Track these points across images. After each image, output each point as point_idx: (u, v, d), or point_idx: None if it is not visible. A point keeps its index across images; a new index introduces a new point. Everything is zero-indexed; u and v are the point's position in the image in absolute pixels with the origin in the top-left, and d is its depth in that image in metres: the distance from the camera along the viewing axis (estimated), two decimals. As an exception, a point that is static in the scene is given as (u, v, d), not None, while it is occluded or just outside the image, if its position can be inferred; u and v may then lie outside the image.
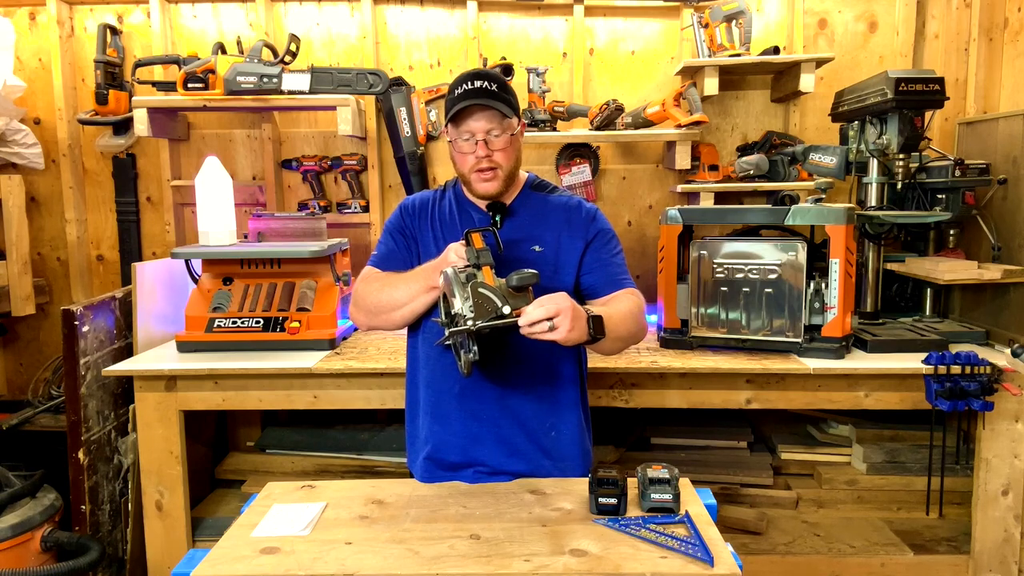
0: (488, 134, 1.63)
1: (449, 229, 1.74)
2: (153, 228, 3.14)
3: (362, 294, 1.74)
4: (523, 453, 1.69)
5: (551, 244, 1.71)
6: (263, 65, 2.71)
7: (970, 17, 2.92)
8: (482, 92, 1.61)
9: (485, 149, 1.63)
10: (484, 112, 1.62)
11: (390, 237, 1.80)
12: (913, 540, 2.51)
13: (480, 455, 1.68)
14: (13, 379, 3.20)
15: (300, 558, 1.32)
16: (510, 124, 1.65)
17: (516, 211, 1.74)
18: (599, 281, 1.72)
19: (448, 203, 1.78)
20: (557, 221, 1.73)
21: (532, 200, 1.77)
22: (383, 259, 1.78)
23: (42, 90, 3.05)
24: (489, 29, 3.05)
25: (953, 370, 2.16)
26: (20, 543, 2.28)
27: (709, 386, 2.31)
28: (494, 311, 1.41)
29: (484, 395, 1.68)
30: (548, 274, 1.68)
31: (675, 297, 2.42)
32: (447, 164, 3.08)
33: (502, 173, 1.66)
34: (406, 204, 1.82)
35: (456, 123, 1.65)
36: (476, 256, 1.50)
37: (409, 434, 1.83)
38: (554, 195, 1.79)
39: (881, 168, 2.52)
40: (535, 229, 1.72)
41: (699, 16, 2.83)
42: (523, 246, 1.70)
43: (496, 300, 1.42)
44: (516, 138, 1.69)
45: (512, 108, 1.65)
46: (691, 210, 2.47)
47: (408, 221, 1.78)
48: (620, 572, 1.26)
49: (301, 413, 2.65)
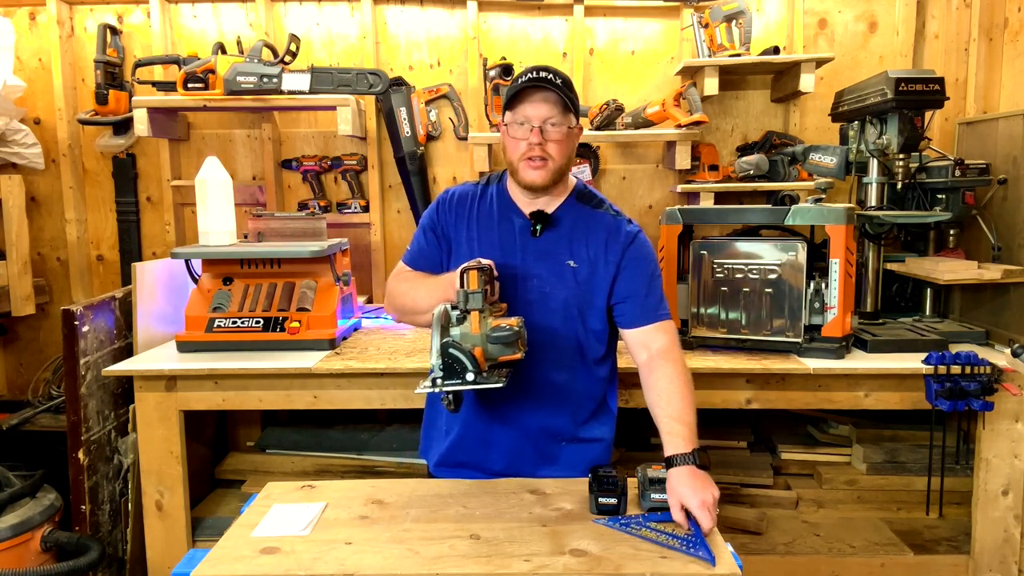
0: (545, 122, 1.59)
1: (486, 230, 1.70)
2: (153, 228, 3.14)
3: (391, 292, 1.75)
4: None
5: (586, 262, 1.68)
6: (263, 65, 2.71)
7: (970, 17, 2.92)
8: (545, 81, 1.58)
9: (539, 136, 1.59)
10: (545, 99, 1.59)
11: (422, 234, 1.77)
12: (913, 540, 2.50)
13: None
14: (13, 379, 3.20)
15: (300, 558, 1.32)
16: (569, 119, 1.61)
17: (558, 221, 1.70)
18: (634, 313, 1.68)
19: (490, 200, 1.73)
20: (596, 240, 1.69)
21: (576, 212, 1.71)
22: (414, 257, 1.77)
23: (42, 90, 3.05)
24: (489, 29, 3.05)
25: (953, 370, 2.16)
26: (20, 543, 2.28)
27: (709, 386, 2.30)
28: (461, 376, 1.41)
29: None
30: (581, 291, 1.67)
31: (675, 297, 2.42)
32: (447, 164, 3.08)
33: (552, 166, 1.61)
34: (443, 198, 1.76)
35: (513, 107, 1.61)
36: (465, 300, 1.46)
37: (427, 423, 1.85)
38: (599, 210, 1.73)
39: (881, 168, 2.52)
40: (574, 244, 1.69)
41: (699, 16, 2.83)
42: (559, 259, 1.68)
43: (466, 363, 1.40)
44: (572, 136, 1.65)
45: (573, 105, 1.62)
46: (691, 210, 2.47)
47: (442, 218, 1.74)
48: (620, 572, 1.26)
49: (301, 413, 2.65)
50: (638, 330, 1.67)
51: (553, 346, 1.65)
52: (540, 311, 1.64)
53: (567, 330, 1.67)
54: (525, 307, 1.62)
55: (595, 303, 1.68)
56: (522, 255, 1.68)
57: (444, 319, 1.46)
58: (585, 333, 1.69)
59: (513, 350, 1.45)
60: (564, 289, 1.66)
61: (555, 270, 1.67)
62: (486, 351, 1.44)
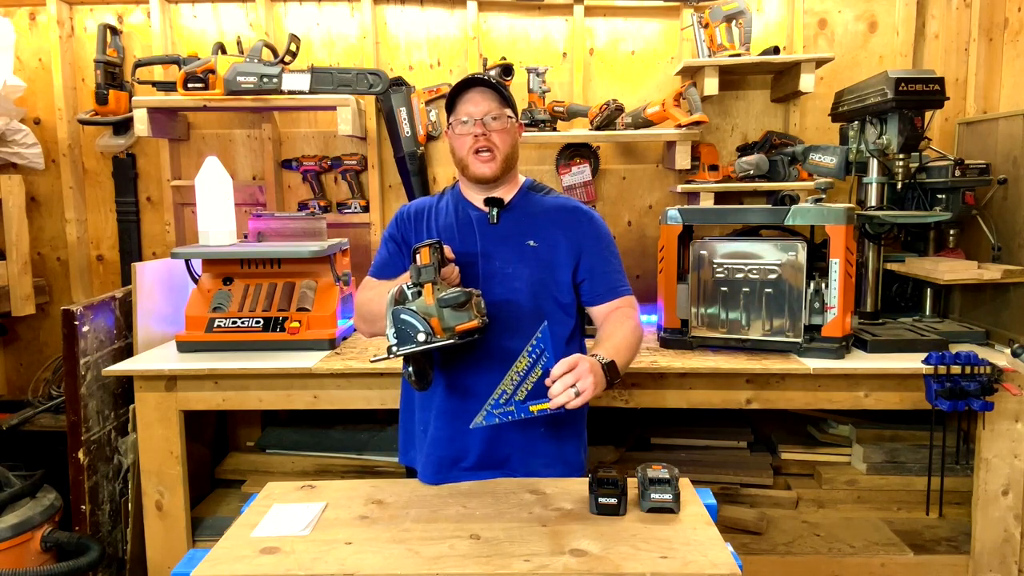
0: (485, 116, 1.68)
1: (445, 229, 1.76)
2: (153, 228, 3.14)
3: (358, 303, 1.80)
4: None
5: (546, 240, 1.74)
6: (263, 65, 2.71)
7: (970, 17, 2.92)
8: (479, 80, 1.70)
9: (482, 128, 1.68)
10: (482, 95, 1.69)
11: (384, 246, 1.83)
12: (913, 540, 2.51)
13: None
14: (13, 379, 3.20)
15: (300, 558, 1.32)
16: (507, 114, 1.71)
17: (514, 207, 1.77)
18: (598, 289, 1.77)
19: (446, 205, 1.81)
20: (553, 220, 1.76)
21: (530, 199, 1.80)
22: (379, 268, 1.82)
23: (42, 90, 3.05)
24: (489, 29, 3.05)
25: (953, 370, 2.16)
26: (20, 543, 2.28)
27: (709, 386, 2.30)
28: (413, 338, 1.44)
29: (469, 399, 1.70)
30: (543, 268, 1.73)
31: (675, 297, 2.42)
32: (447, 164, 3.08)
33: (499, 156, 1.70)
34: (402, 212, 1.85)
35: (455, 110, 1.71)
36: (418, 274, 1.49)
37: (404, 429, 1.85)
38: (551, 196, 1.82)
39: (881, 168, 2.52)
40: (531, 226, 1.75)
41: (699, 16, 2.83)
42: (519, 240, 1.73)
43: (417, 324, 1.43)
44: (514, 130, 1.74)
45: (508, 100, 1.72)
46: (691, 210, 2.47)
47: (402, 228, 1.81)
48: (620, 572, 1.26)
49: (301, 413, 2.65)
50: (601, 306, 1.76)
51: (519, 316, 1.68)
52: (502, 286, 1.69)
53: (532, 303, 1.71)
54: (487, 283, 1.68)
55: (559, 279, 1.74)
56: (482, 241, 1.73)
57: (398, 295, 1.49)
58: (552, 306, 1.73)
59: (469, 316, 1.47)
60: (526, 268, 1.72)
61: (516, 250, 1.72)
62: (442, 319, 1.45)
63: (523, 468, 1.71)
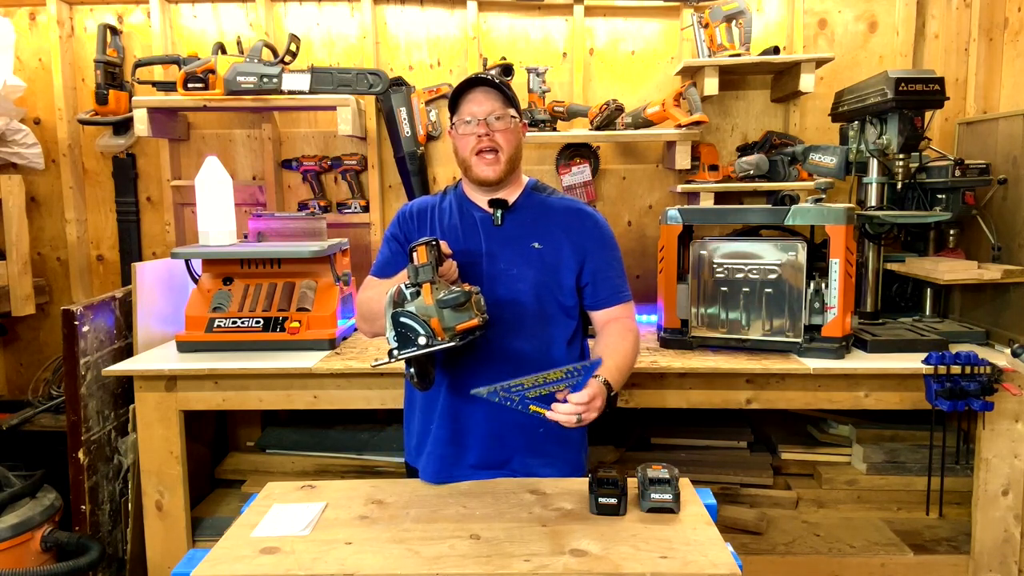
0: (489, 115, 1.66)
1: (449, 231, 1.75)
2: (153, 228, 3.14)
3: (360, 302, 1.78)
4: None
5: (551, 242, 1.73)
6: (263, 65, 2.71)
7: (970, 17, 2.92)
8: (483, 79, 1.69)
9: (486, 128, 1.66)
10: (485, 94, 1.67)
11: (387, 245, 1.82)
12: (913, 540, 2.51)
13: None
14: (13, 379, 3.20)
15: (300, 558, 1.32)
16: (510, 114, 1.69)
17: (518, 209, 1.76)
18: (600, 294, 1.76)
19: (449, 205, 1.79)
20: (558, 222, 1.75)
21: (534, 200, 1.79)
22: (381, 267, 1.81)
23: (42, 90, 3.05)
24: (489, 29, 3.05)
25: (953, 370, 2.16)
26: (20, 543, 2.28)
27: (709, 386, 2.30)
28: (414, 341, 1.43)
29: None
30: (547, 271, 1.71)
31: (675, 297, 2.42)
32: (447, 164, 3.08)
33: (503, 157, 1.68)
34: (403, 211, 1.83)
35: (458, 110, 1.70)
36: (415, 274, 1.47)
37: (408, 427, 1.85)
38: (555, 197, 1.81)
39: (881, 168, 2.52)
40: (536, 227, 1.74)
41: (699, 16, 2.83)
42: (523, 242, 1.72)
43: (418, 328, 1.42)
44: (517, 130, 1.72)
45: (512, 100, 1.70)
46: (691, 210, 2.47)
47: (404, 227, 1.80)
48: (620, 572, 1.27)
49: (301, 413, 2.65)
50: (602, 312, 1.76)
51: (522, 317, 1.68)
52: (505, 286, 1.69)
53: (535, 304, 1.70)
54: (491, 283, 1.67)
55: (562, 282, 1.73)
56: (487, 242, 1.72)
57: (397, 296, 1.47)
58: (555, 307, 1.73)
59: (468, 315, 1.45)
60: (530, 269, 1.71)
61: (520, 252, 1.71)
62: (442, 319, 1.44)
63: (523, 468, 1.71)
